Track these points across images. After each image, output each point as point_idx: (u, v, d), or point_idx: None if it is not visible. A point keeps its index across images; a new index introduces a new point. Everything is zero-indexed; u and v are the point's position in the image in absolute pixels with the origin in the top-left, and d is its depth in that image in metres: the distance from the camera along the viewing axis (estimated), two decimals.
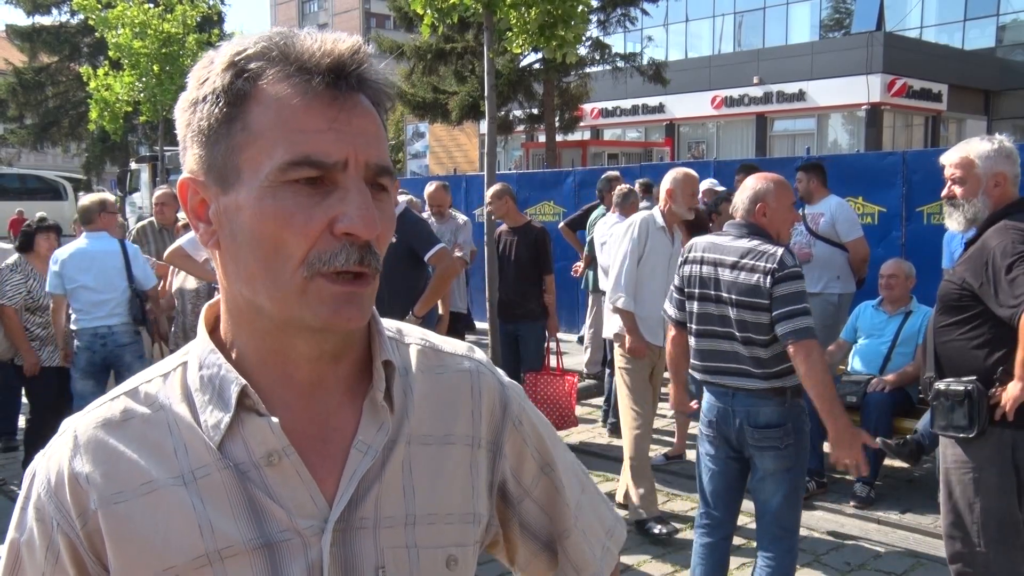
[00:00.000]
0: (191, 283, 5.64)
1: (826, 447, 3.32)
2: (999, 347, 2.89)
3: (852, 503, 4.90)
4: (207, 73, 0.81)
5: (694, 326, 3.31)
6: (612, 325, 4.91)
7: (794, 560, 3.25)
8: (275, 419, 0.82)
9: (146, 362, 5.40)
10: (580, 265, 7.58)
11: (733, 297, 3.13)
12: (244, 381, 0.83)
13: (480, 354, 1.01)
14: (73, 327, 5.20)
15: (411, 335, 0.97)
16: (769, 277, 3.03)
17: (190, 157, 0.83)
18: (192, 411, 0.85)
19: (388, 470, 0.87)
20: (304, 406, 0.86)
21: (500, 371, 1.01)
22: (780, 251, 3.08)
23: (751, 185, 3.25)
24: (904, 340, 5.11)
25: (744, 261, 3.11)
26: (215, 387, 0.84)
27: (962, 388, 2.87)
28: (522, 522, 1.01)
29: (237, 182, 0.79)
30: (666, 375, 4.56)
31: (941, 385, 2.95)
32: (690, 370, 3.41)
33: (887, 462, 5.19)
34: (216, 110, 0.79)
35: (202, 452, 0.83)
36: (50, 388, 5.43)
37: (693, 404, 3.61)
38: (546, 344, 6.20)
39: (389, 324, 0.96)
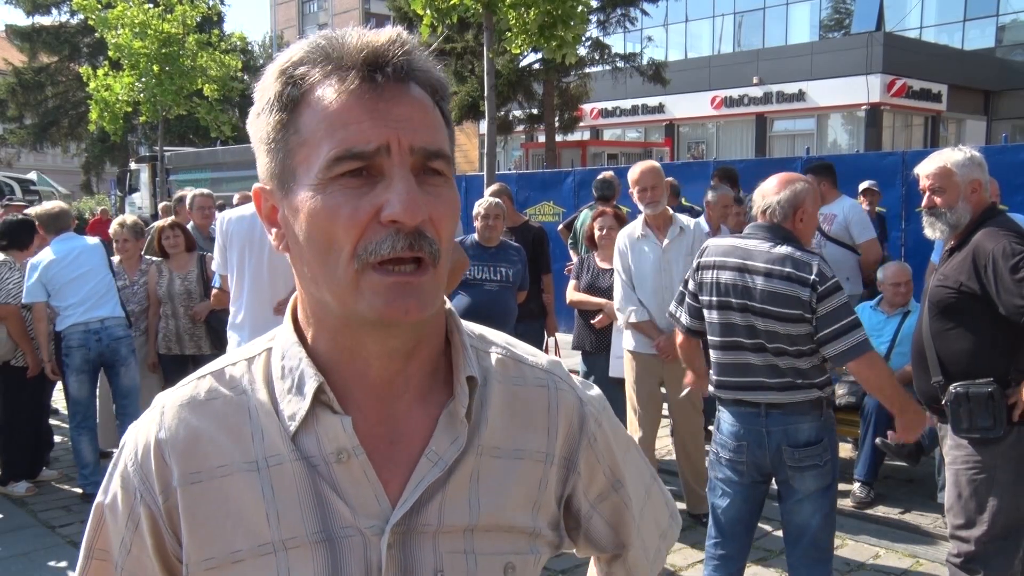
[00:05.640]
0: (179, 286, 5.60)
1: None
2: (1008, 347, 2.96)
3: (852, 503, 4.89)
4: (264, 84, 0.84)
5: (716, 338, 3.05)
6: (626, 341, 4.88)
7: None
8: (348, 418, 0.84)
9: (137, 358, 5.36)
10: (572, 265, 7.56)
11: (767, 308, 2.88)
12: (322, 378, 0.84)
13: (561, 369, 1.00)
14: (59, 329, 5.10)
15: (494, 342, 0.97)
16: (811, 291, 2.80)
17: (260, 166, 0.86)
18: (272, 398, 0.87)
19: (454, 479, 0.87)
20: (375, 407, 0.87)
21: (580, 385, 1.00)
22: (816, 261, 2.85)
23: (787, 187, 2.98)
24: (903, 340, 5.10)
25: (779, 269, 2.86)
26: (295, 379, 0.86)
27: (987, 391, 2.91)
28: (587, 535, 1.02)
29: (295, 185, 0.81)
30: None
31: (959, 388, 2.97)
32: (710, 388, 3.18)
33: (887, 462, 5.19)
34: (273, 119, 0.82)
35: (277, 440, 0.85)
36: (25, 390, 5.32)
37: (710, 388, 3.27)
38: (544, 343, 6.20)
39: (471, 328, 0.96)
